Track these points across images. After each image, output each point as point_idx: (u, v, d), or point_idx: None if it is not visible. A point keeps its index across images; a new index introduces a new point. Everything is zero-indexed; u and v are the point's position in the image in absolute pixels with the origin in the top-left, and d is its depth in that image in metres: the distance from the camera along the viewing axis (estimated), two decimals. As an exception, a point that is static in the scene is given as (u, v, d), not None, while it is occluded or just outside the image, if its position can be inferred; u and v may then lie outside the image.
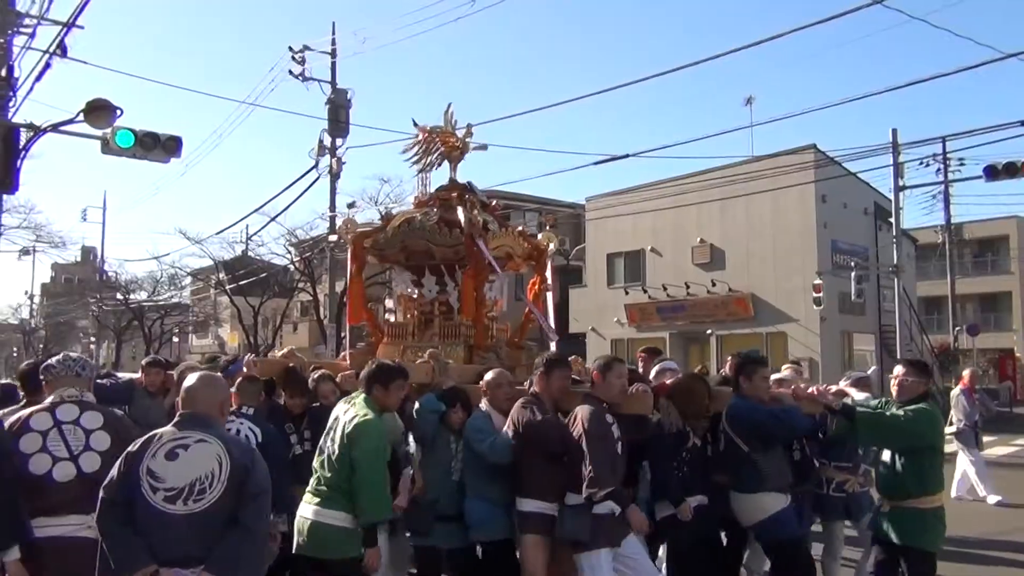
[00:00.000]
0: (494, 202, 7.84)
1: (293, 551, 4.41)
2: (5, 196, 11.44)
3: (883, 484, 4.90)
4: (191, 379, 3.53)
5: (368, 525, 4.23)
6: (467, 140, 7.39)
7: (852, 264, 23.19)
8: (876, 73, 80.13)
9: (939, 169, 24.84)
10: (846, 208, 24.98)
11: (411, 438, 5.46)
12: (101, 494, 3.29)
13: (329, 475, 4.30)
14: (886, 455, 4.89)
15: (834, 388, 5.59)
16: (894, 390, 4.93)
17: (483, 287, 6.89)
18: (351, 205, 22.05)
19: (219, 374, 4.32)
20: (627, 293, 28.13)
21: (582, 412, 4.70)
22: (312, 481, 4.42)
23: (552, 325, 7.46)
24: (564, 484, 4.70)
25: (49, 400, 3.84)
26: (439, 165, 7.32)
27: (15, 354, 67.23)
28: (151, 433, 3.39)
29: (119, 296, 43.18)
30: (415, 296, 7.33)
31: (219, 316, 45.84)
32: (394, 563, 5.44)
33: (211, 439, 3.32)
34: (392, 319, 7.84)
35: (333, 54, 22.19)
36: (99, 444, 3.73)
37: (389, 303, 8.85)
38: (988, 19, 62.28)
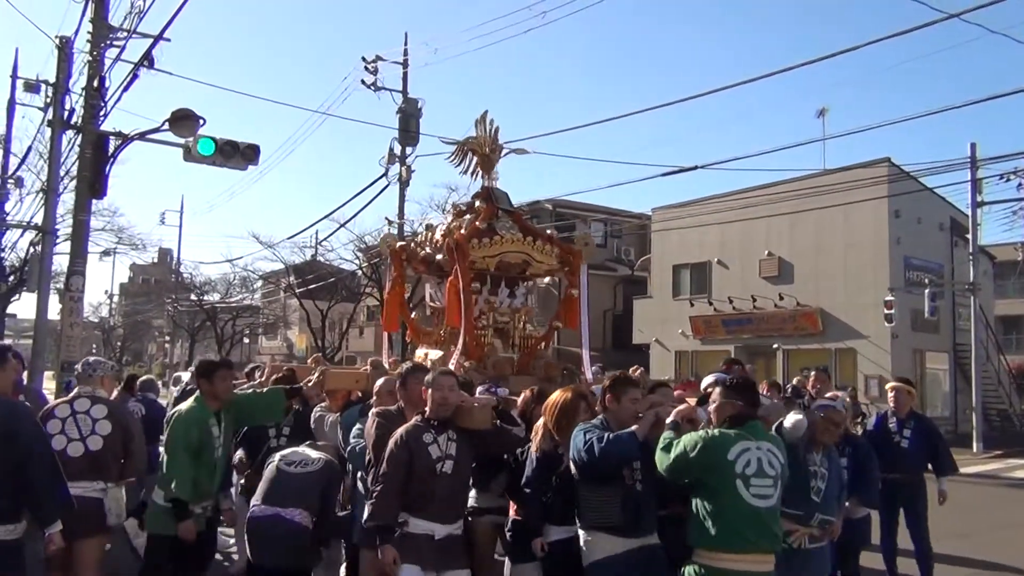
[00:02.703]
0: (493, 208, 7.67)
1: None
2: (93, 200, 11.93)
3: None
4: None
5: (171, 502, 4.75)
6: (497, 148, 7.50)
7: (926, 281, 22.59)
8: (953, 87, 77.90)
9: (1020, 184, 24.01)
10: (920, 223, 24.33)
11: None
12: None
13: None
14: None
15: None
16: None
17: (468, 295, 6.77)
18: (391, 221, 22.51)
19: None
20: (692, 305, 27.87)
21: (395, 434, 4.34)
22: None
23: (587, 333, 7.39)
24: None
25: (72, 394, 5.22)
26: (475, 174, 7.54)
27: (94, 350, 69.77)
28: None
29: (193, 297, 44.49)
30: (438, 305, 7.57)
31: (288, 319, 46.84)
32: (327, 566, 5.66)
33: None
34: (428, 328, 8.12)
35: (405, 64, 22.59)
36: (102, 430, 5.02)
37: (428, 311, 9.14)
38: (1076, 29, 59.87)
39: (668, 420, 4.05)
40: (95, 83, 11.00)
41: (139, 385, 9.03)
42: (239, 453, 6.35)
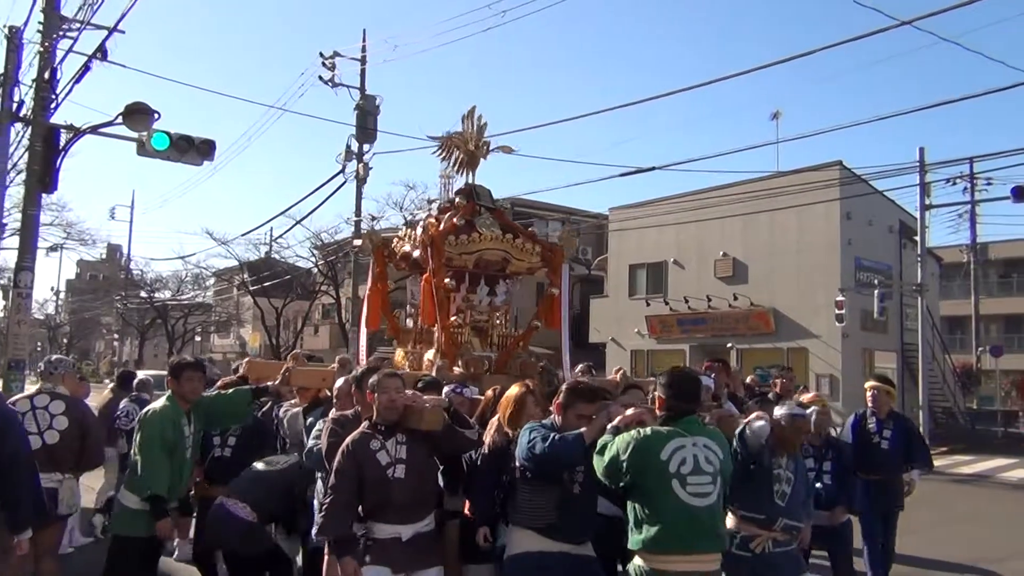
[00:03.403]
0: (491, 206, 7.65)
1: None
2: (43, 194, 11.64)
3: None
4: None
5: (147, 500, 4.73)
6: (484, 144, 7.38)
7: (876, 282, 23.09)
8: (904, 93, 79.73)
9: (966, 189, 24.74)
10: (871, 225, 24.87)
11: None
12: None
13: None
14: None
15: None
16: None
17: (441, 292, 6.68)
18: (375, 218, 22.34)
19: None
20: (648, 304, 28.13)
21: (343, 444, 4.22)
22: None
23: (567, 332, 7.32)
24: None
25: (34, 391, 5.55)
26: (460, 170, 7.43)
27: (39, 348, 68.07)
28: None
29: (143, 294, 43.70)
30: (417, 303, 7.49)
31: (241, 316, 46.24)
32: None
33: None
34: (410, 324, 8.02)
35: (363, 61, 22.49)
36: (59, 425, 5.30)
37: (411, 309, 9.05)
38: (1019, 42, 61.76)
39: (609, 425, 3.85)
40: (46, 75, 10.73)
41: (135, 385, 8.85)
42: None
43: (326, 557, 4.71)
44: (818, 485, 5.69)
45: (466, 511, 4.60)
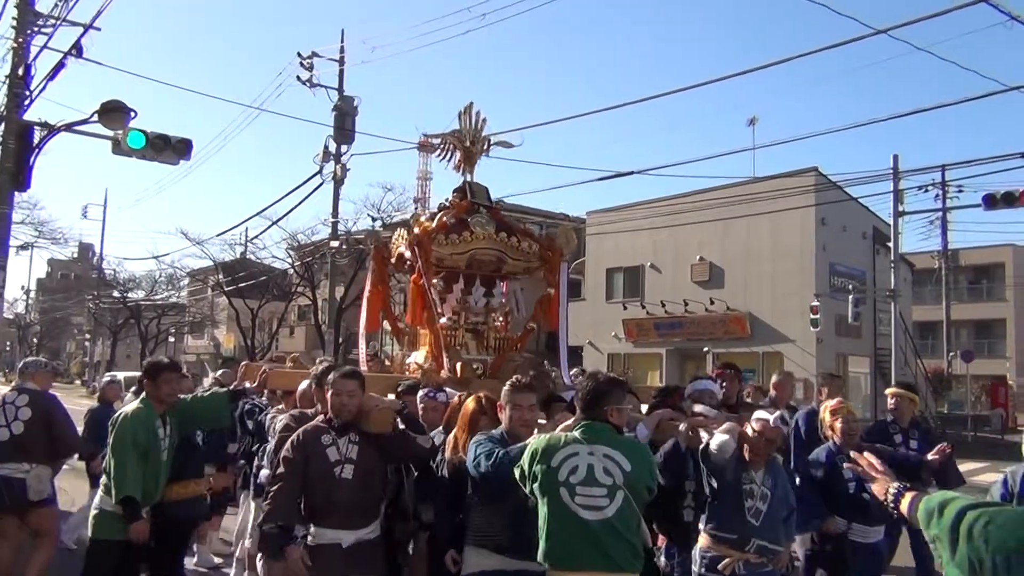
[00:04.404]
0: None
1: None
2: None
3: None
4: None
5: (119, 503, 4.69)
6: (484, 141, 7.09)
7: (850, 287, 23.32)
8: (879, 100, 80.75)
9: (938, 196, 25.03)
10: (845, 231, 25.15)
11: None
12: None
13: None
14: None
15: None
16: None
17: (424, 292, 6.44)
18: (375, 219, 22.41)
19: None
20: (625, 308, 28.23)
21: (294, 434, 4.19)
22: None
23: (565, 333, 7.04)
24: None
25: (9, 388, 6.04)
26: (459, 169, 7.11)
27: (8, 348, 67.11)
28: None
29: (116, 294, 43.18)
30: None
31: (216, 317, 45.84)
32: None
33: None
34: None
35: (341, 61, 22.36)
36: (24, 416, 5.71)
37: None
38: (992, 51, 62.77)
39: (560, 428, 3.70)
40: (20, 71, 10.58)
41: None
42: None
43: (259, 561, 4.66)
44: (864, 495, 4.97)
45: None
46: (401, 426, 4.27)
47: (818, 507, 5.20)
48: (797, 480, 5.33)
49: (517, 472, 3.58)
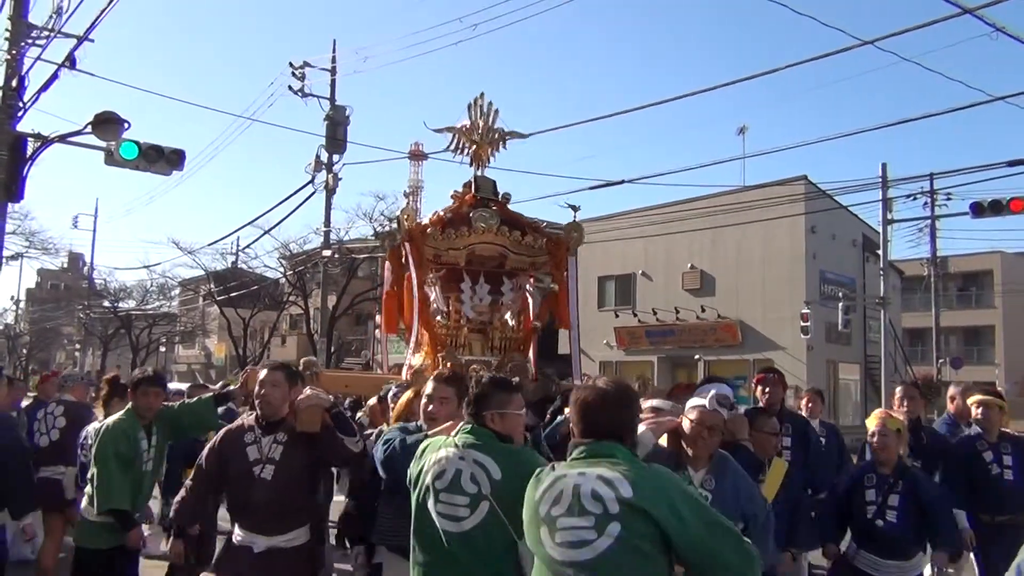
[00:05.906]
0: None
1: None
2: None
3: None
4: None
5: (104, 514, 4.70)
6: (496, 132, 6.73)
7: (839, 295, 23.49)
8: (868, 110, 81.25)
9: (926, 204, 25.20)
10: (835, 239, 25.32)
11: None
12: None
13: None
14: None
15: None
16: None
17: (422, 291, 6.21)
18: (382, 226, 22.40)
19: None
20: (617, 316, 28.31)
21: (218, 432, 4.09)
22: None
23: (576, 334, 6.75)
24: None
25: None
26: (473, 164, 6.77)
27: (-3, 358, 66.67)
28: None
29: (107, 304, 43.02)
30: (435, 307, 6.85)
31: (207, 327, 45.71)
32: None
33: None
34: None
35: (333, 71, 22.42)
36: (59, 424, 6.70)
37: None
38: (977, 62, 63.31)
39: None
40: (13, 83, 10.60)
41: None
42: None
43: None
44: (879, 522, 4.55)
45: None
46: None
47: (829, 529, 4.79)
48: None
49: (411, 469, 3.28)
